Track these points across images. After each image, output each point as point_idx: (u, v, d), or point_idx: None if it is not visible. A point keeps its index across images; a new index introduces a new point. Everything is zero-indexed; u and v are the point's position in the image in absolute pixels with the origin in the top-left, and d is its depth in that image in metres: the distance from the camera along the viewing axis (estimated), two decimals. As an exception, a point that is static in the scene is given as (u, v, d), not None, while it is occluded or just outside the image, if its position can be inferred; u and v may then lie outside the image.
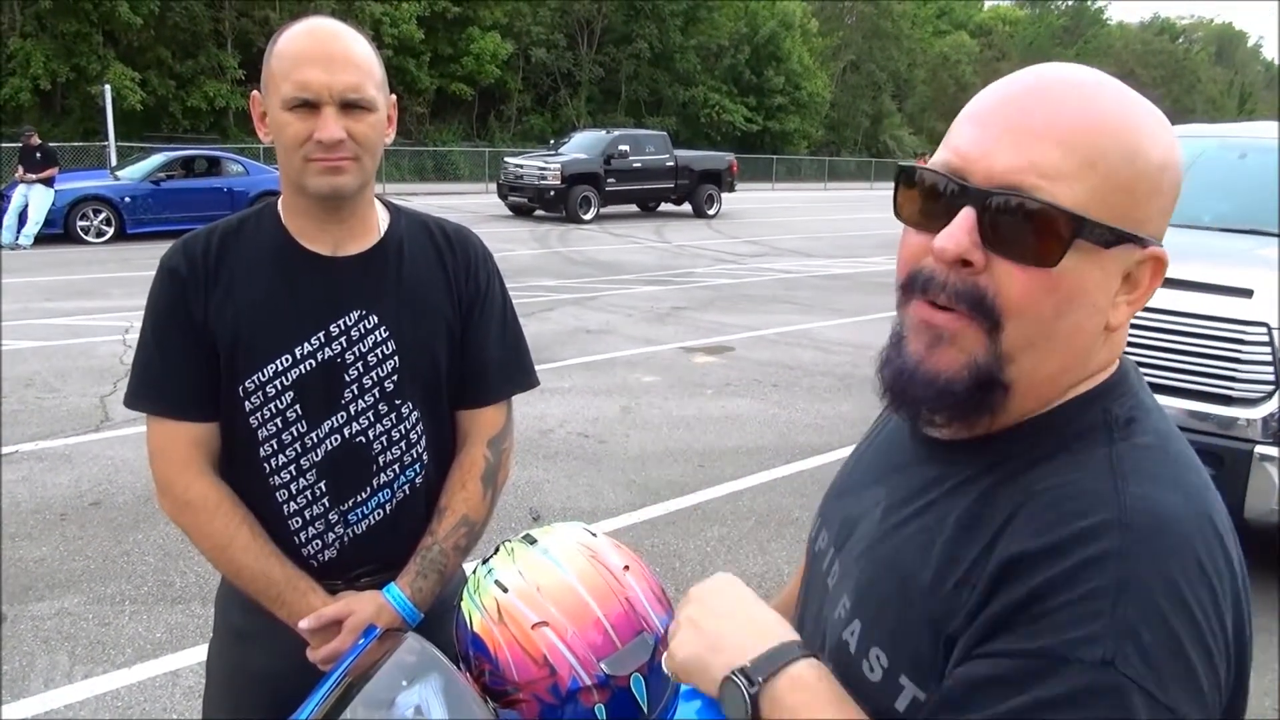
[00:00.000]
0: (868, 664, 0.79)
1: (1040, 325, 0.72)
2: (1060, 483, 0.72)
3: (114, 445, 5.45)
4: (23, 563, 4.00)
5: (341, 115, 1.33)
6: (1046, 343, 0.73)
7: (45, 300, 9.77)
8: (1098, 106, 0.73)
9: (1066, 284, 0.71)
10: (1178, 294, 3.99)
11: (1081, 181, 0.71)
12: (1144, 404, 0.78)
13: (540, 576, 1.24)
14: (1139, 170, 0.72)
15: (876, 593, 0.81)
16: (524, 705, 1.21)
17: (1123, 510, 0.68)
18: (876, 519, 0.86)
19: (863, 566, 0.84)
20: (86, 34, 25.18)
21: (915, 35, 53.62)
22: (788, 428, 6.24)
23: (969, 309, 0.73)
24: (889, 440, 0.93)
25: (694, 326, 9.49)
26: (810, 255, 15.99)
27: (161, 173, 15.65)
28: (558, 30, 36.43)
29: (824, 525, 0.97)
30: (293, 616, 1.43)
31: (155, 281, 1.45)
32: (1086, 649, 0.64)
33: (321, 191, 1.38)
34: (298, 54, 1.32)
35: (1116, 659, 0.64)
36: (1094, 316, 0.74)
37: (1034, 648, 0.66)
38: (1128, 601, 0.65)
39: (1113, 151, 0.71)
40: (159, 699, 3.09)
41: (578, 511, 4.66)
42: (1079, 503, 0.70)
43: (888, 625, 0.78)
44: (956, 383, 0.75)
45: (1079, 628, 0.65)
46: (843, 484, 0.98)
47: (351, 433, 1.45)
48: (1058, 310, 0.72)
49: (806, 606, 0.97)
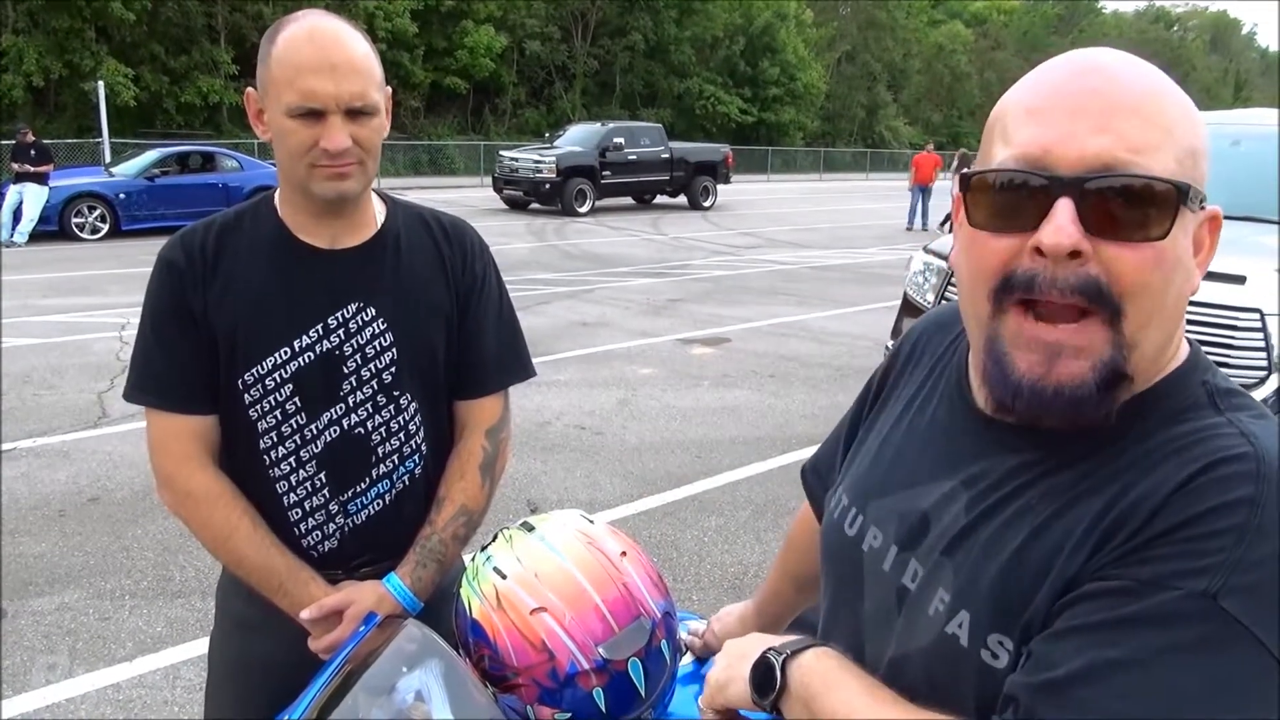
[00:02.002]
0: (989, 652, 0.76)
1: (1154, 300, 0.72)
2: (1187, 441, 0.71)
3: (111, 441, 5.46)
4: (22, 558, 4.01)
5: (346, 122, 1.33)
6: (1160, 317, 0.73)
7: (41, 297, 9.76)
8: (1153, 76, 0.74)
9: (1170, 254, 0.71)
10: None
11: (1166, 150, 0.71)
12: (1225, 377, 0.79)
13: (538, 563, 1.25)
14: (1201, 132, 0.75)
15: (986, 579, 0.78)
16: (523, 690, 1.22)
17: (1261, 461, 0.68)
18: (960, 511, 0.83)
19: (959, 559, 0.81)
20: (79, 30, 25.07)
21: (910, 26, 53.48)
22: (784, 418, 6.26)
23: (1090, 301, 0.71)
24: (938, 431, 0.90)
25: (690, 319, 9.50)
26: (806, 247, 15.99)
27: (156, 169, 15.61)
28: (552, 23, 36.30)
29: (870, 523, 0.93)
30: (294, 606, 1.44)
31: (153, 275, 1.46)
32: (1190, 580, 0.64)
33: (328, 197, 1.39)
34: (301, 61, 1.31)
35: (1220, 593, 0.64)
36: (1189, 281, 0.75)
37: (1136, 573, 0.67)
38: (1252, 544, 0.65)
39: (1182, 117, 0.73)
40: (159, 692, 3.11)
41: (575, 503, 4.68)
42: (1221, 454, 0.69)
43: (1007, 609, 0.75)
44: (1083, 389, 0.72)
45: (1190, 561, 0.65)
46: (883, 479, 0.94)
47: (350, 424, 1.47)
48: (1166, 281, 0.72)
49: (847, 605, 0.95)
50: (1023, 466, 0.79)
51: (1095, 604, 0.68)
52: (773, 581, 1.34)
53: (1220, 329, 3.87)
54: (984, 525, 0.80)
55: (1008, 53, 60.52)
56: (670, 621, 1.29)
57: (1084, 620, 0.68)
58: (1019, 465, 0.80)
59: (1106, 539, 0.71)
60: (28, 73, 24.32)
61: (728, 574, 4.04)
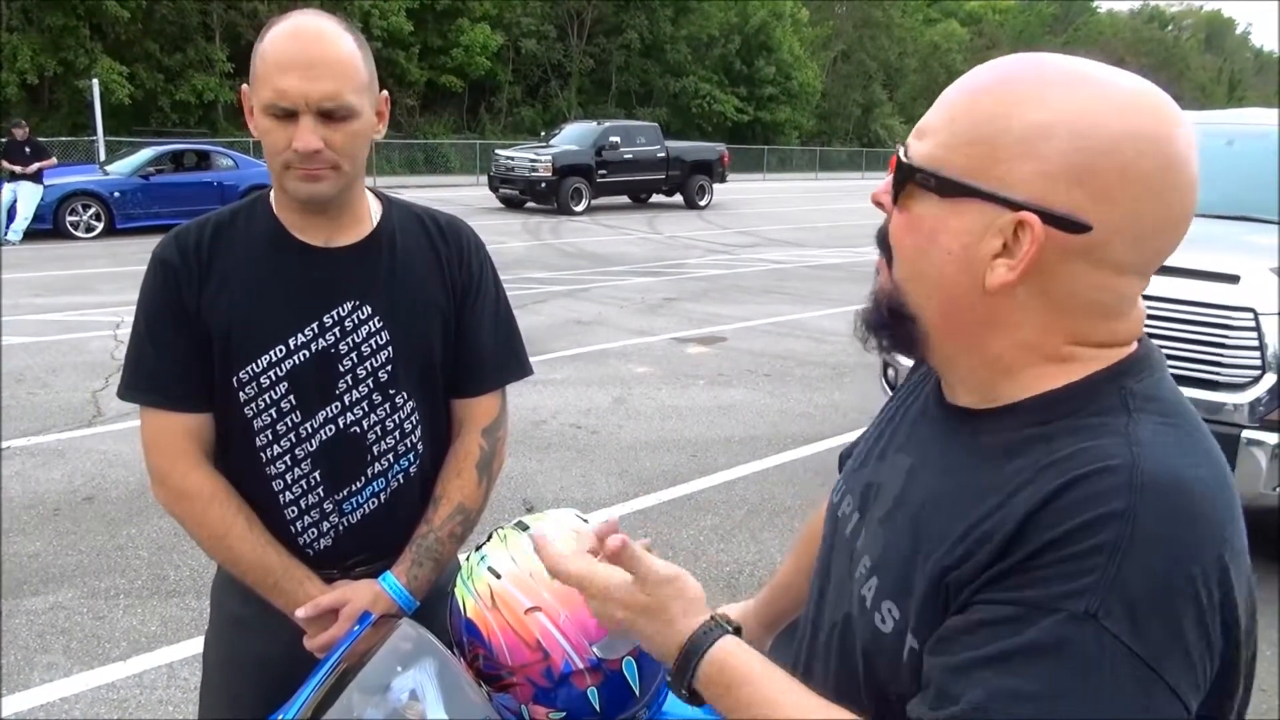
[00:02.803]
0: (880, 616, 0.81)
1: (908, 260, 0.81)
2: (1078, 449, 0.72)
3: (106, 440, 5.45)
4: (17, 558, 4.00)
5: (319, 124, 1.32)
6: (920, 281, 0.81)
7: (35, 296, 9.74)
8: (986, 73, 0.78)
9: (924, 226, 0.79)
10: (1164, 279, 4.00)
11: (936, 136, 0.78)
12: (1164, 384, 0.78)
13: (533, 562, 1.25)
14: (1000, 128, 0.74)
15: (895, 549, 0.83)
16: (518, 689, 1.22)
17: (1135, 472, 0.69)
18: (900, 483, 0.87)
19: (887, 528, 0.86)
20: (74, 28, 25.01)
21: (906, 24, 53.53)
22: (780, 417, 6.26)
23: (878, 242, 0.85)
24: (915, 410, 0.94)
25: (686, 317, 9.50)
26: (802, 245, 16.01)
27: (151, 167, 15.57)
28: (548, 21, 36.30)
29: (847, 492, 0.98)
30: (289, 605, 1.44)
31: (147, 273, 1.46)
32: (1072, 601, 0.66)
33: (299, 197, 1.39)
34: (278, 58, 1.31)
35: (1099, 612, 0.65)
36: (954, 265, 0.77)
37: (1021, 596, 0.68)
38: (1126, 559, 0.65)
39: (973, 109, 0.76)
40: (154, 691, 3.10)
41: (571, 502, 4.68)
42: (1093, 465, 0.70)
43: (899, 578, 0.80)
44: (874, 307, 0.86)
45: (1070, 581, 0.66)
46: (866, 453, 0.99)
47: (346, 422, 1.47)
48: (916, 248, 0.80)
49: (827, 575, 0.99)
50: (958, 447, 0.83)
51: (988, 632, 0.69)
52: (784, 574, 1.34)
53: (1214, 328, 3.88)
54: (913, 500, 0.84)
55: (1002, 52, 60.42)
56: (665, 620, 1.30)
57: (979, 652, 0.69)
58: (955, 446, 0.83)
59: (983, 542, 0.73)
60: (22, 70, 24.27)
61: (723, 573, 4.04)
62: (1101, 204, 0.71)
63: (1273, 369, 3.78)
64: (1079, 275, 0.74)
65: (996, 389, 0.81)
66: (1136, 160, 0.70)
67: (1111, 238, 0.72)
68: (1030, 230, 0.72)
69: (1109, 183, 0.71)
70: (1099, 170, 0.71)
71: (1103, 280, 0.74)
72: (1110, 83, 0.73)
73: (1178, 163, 0.72)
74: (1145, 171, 0.71)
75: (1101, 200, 0.71)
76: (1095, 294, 0.75)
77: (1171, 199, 0.72)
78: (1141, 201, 0.71)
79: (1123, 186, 0.71)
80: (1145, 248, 0.74)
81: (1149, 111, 0.72)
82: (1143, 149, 0.70)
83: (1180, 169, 0.72)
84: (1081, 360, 0.78)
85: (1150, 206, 0.72)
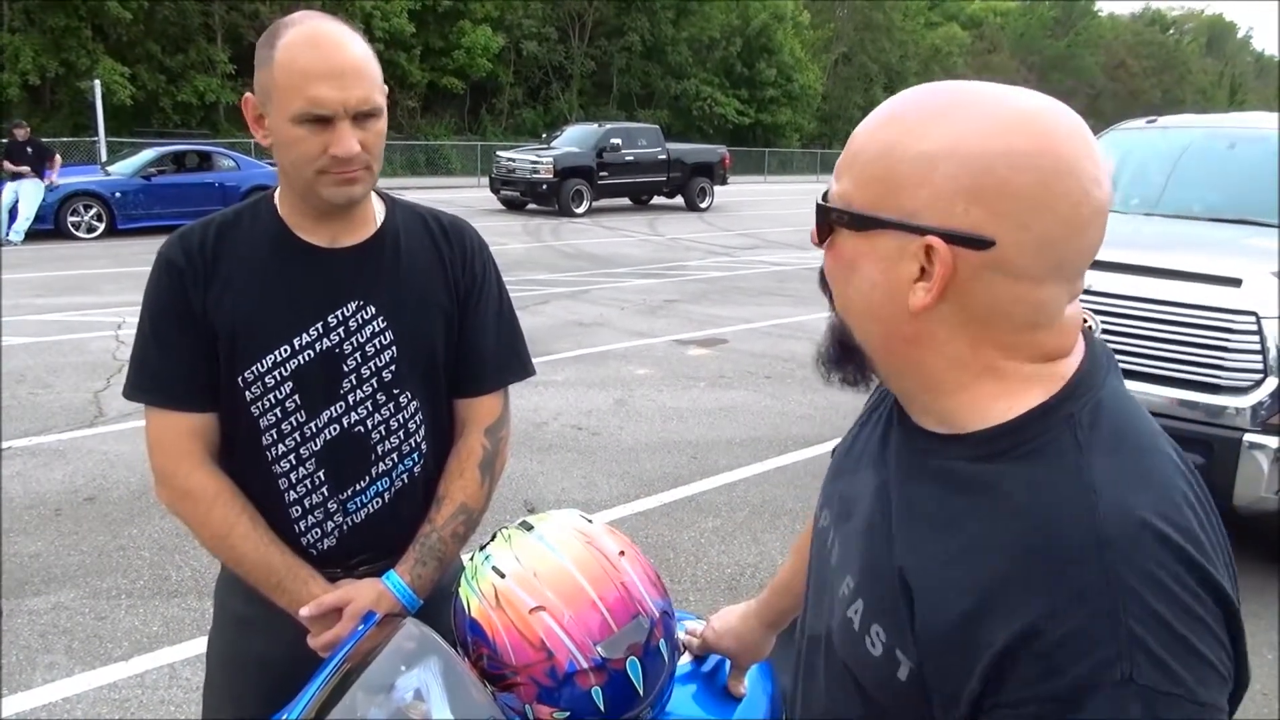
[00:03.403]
0: (869, 640, 0.82)
1: (839, 292, 0.86)
2: (1036, 503, 0.74)
3: (108, 440, 5.45)
4: (18, 558, 4.00)
5: (354, 127, 1.33)
6: (854, 311, 0.85)
7: (37, 296, 9.74)
8: (881, 110, 0.83)
9: (845, 257, 0.84)
10: (1167, 283, 4.02)
11: (845, 176, 0.83)
12: (1109, 399, 0.80)
13: (537, 562, 1.25)
14: (893, 161, 0.78)
15: (874, 573, 0.84)
16: (522, 688, 1.23)
17: (1100, 527, 0.70)
18: (870, 501, 0.89)
19: (864, 547, 0.87)
20: (75, 28, 25.02)
21: (907, 27, 53.56)
22: (781, 419, 6.27)
23: (819, 281, 0.90)
24: (879, 424, 0.96)
25: (687, 319, 9.51)
26: (803, 248, 16.00)
27: (152, 168, 15.58)
28: (549, 23, 36.30)
29: (825, 504, 1.00)
30: (293, 604, 1.44)
31: (153, 273, 1.46)
32: (1105, 672, 0.67)
33: (336, 201, 1.39)
34: (306, 68, 1.30)
35: (1134, 673, 0.67)
36: (878, 292, 0.80)
37: (1053, 687, 0.69)
38: (1128, 615, 0.68)
39: (870, 146, 0.81)
40: (156, 692, 3.10)
41: (572, 503, 4.68)
42: (1058, 527, 0.72)
43: (885, 603, 0.81)
44: (829, 343, 0.92)
45: (1091, 655, 0.68)
46: (839, 464, 1.01)
47: (350, 422, 1.47)
48: (845, 279, 0.84)
49: (812, 584, 1.01)
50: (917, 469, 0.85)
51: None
52: (785, 574, 1.35)
53: (1215, 332, 3.89)
54: (883, 521, 0.85)
55: (1004, 55, 60.65)
56: (668, 621, 1.30)
57: None
58: (914, 467, 0.85)
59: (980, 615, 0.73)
60: (24, 71, 24.28)
61: (724, 575, 4.05)
62: (998, 219, 0.74)
63: (1274, 373, 3.78)
64: (995, 289, 0.76)
65: (945, 411, 0.82)
66: (1012, 177, 0.73)
67: (1015, 250, 0.74)
68: (938, 253, 0.75)
69: (995, 200, 0.74)
70: (983, 189, 0.74)
71: (1022, 292, 0.76)
72: (990, 105, 0.77)
73: (1060, 173, 0.74)
74: (1024, 186, 0.73)
75: (997, 216, 0.74)
76: (1016, 306, 0.77)
77: (1062, 207, 0.74)
78: (1031, 214, 0.74)
79: (1007, 203, 0.74)
80: (1050, 256, 0.75)
81: (1022, 130, 0.75)
82: (1016, 165, 0.73)
83: (1064, 178, 0.74)
84: (1020, 378, 0.79)
85: (1041, 217, 0.74)
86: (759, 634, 1.40)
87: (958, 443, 0.81)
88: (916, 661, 0.77)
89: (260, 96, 1.37)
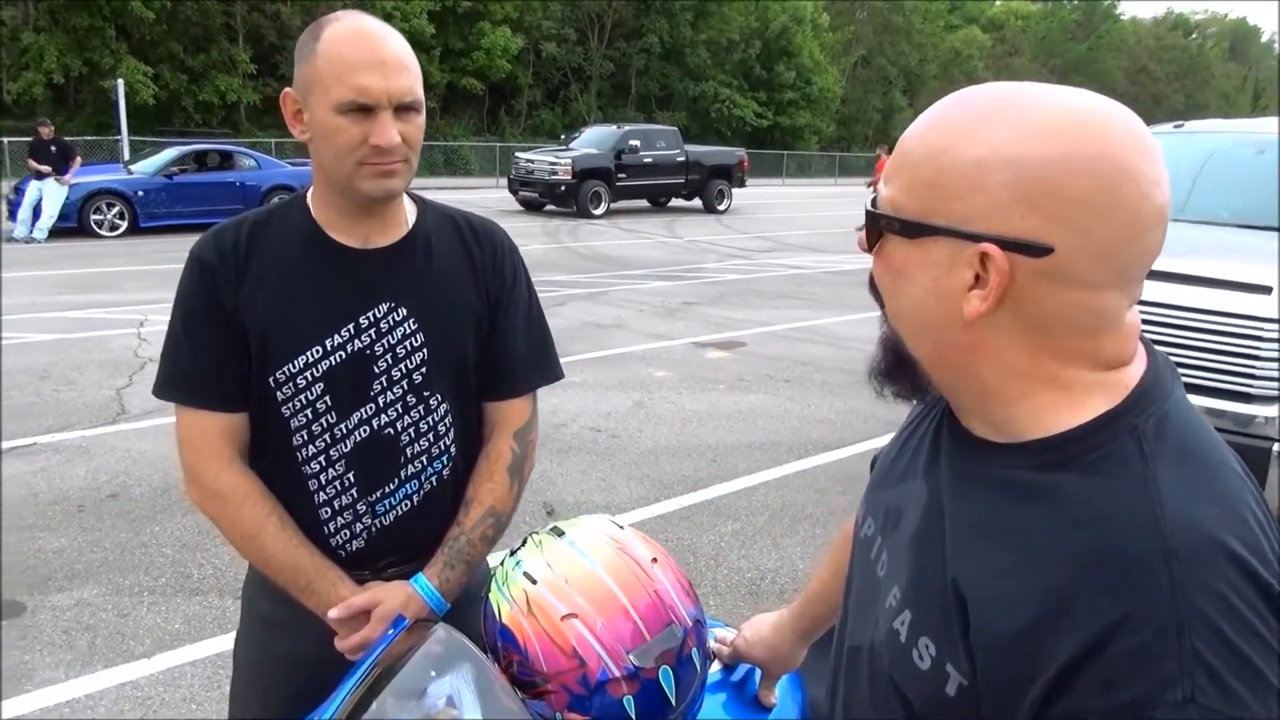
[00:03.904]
0: (917, 653, 0.81)
1: (890, 301, 0.85)
2: (1101, 514, 0.72)
3: (130, 438, 5.49)
4: (42, 554, 4.03)
5: (395, 119, 1.34)
6: (906, 320, 0.84)
7: (60, 294, 9.82)
8: (930, 114, 0.80)
9: (896, 267, 0.82)
10: (1195, 290, 3.97)
11: (894, 181, 0.81)
12: (1175, 412, 0.78)
13: (568, 568, 1.24)
14: (943, 167, 0.76)
15: (925, 585, 0.82)
16: (553, 696, 1.21)
17: (1167, 539, 0.69)
18: (920, 512, 0.87)
19: (912, 559, 0.85)
20: (99, 28, 25.27)
21: (927, 30, 53.37)
22: (800, 423, 6.24)
23: (869, 288, 0.88)
24: (927, 433, 0.94)
25: (705, 322, 9.49)
26: (821, 250, 15.96)
27: (174, 167, 15.68)
28: (568, 25, 36.39)
29: (869, 514, 0.99)
30: (321, 605, 1.44)
31: (185, 272, 1.46)
32: (1167, 692, 0.66)
33: (374, 194, 1.39)
34: (353, 59, 1.32)
35: (1195, 693, 0.65)
36: (931, 300, 0.79)
37: (1113, 703, 0.67)
38: (1191, 633, 0.66)
39: (918, 151, 0.79)
40: (178, 689, 3.11)
41: (591, 506, 4.67)
42: (1124, 540, 0.70)
43: (936, 617, 0.80)
44: (881, 355, 0.90)
45: (1153, 672, 0.66)
46: (885, 474, 0.99)
47: (380, 424, 1.46)
48: (895, 287, 0.83)
49: (854, 595, 0.99)
50: (972, 477, 0.83)
51: None
52: (818, 582, 1.33)
53: (1245, 340, 3.84)
54: (935, 531, 0.84)
55: (1024, 58, 60.33)
56: (701, 629, 1.29)
57: None
58: (968, 475, 0.83)
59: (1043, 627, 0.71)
60: (48, 70, 24.54)
61: (745, 579, 4.03)
62: (1056, 225, 0.72)
63: (1304, 381, 3.74)
64: (1054, 296, 0.75)
65: (1004, 420, 0.80)
66: (1069, 182, 0.72)
67: (1075, 256, 0.73)
68: (994, 260, 0.74)
69: (1052, 206, 0.72)
70: (1039, 195, 0.72)
71: (1080, 298, 0.75)
72: (1042, 107, 0.75)
73: (1117, 178, 0.72)
74: (1083, 191, 0.72)
75: (1055, 222, 0.72)
76: (1074, 313, 0.75)
77: (1119, 213, 0.72)
78: (1090, 220, 0.72)
79: (1065, 208, 0.72)
80: (1110, 262, 0.74)
81: (1075, 133, 0.73)
82: (1072, 170, 0.72)
83: (1122, 183, 0.72)
84: (1081, 386, 0.77)
85: (1100, 223, 0.72)
86: (791, 644, 1.38)
87: (1017, 452, 0.79)
88: (969, 674, 0.76)
89: (300, 91, 1.37)
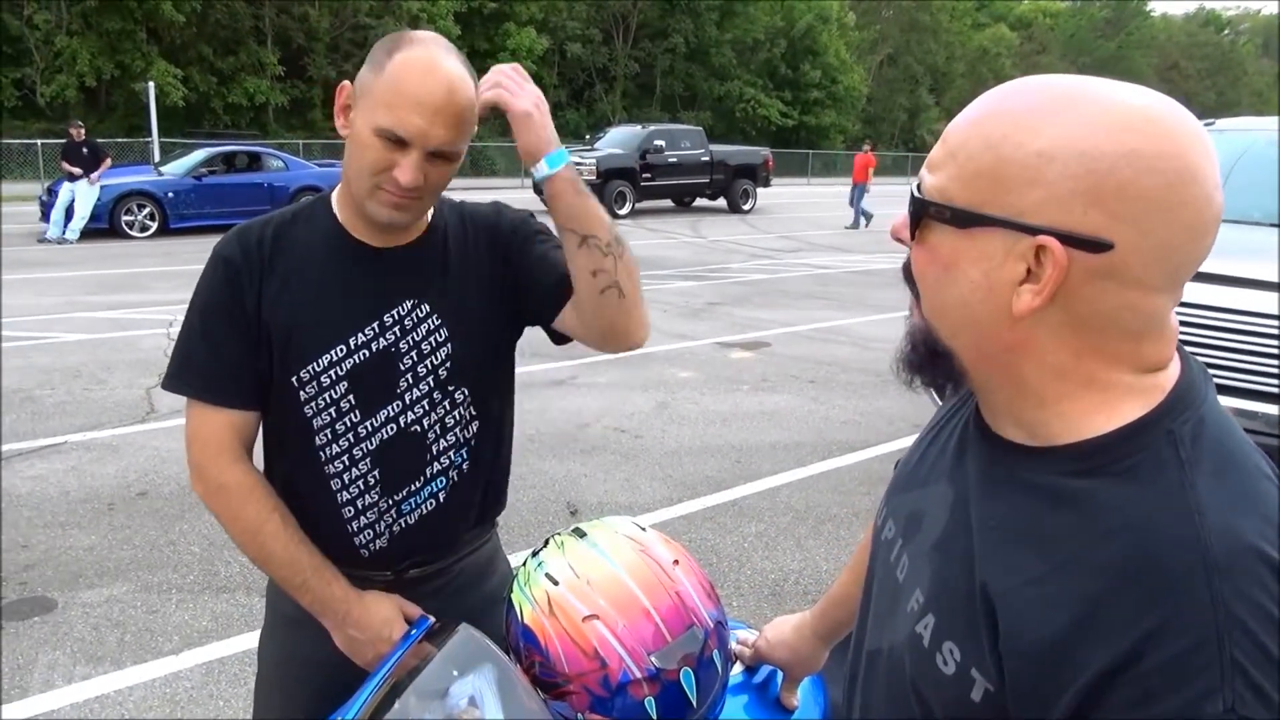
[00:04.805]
0: (941, 658, 0.80)
1: (931, 293, 0.82)
2: (1137, 522, 0.71)
3: (159, 437, 5.55)
4: (73, 551, 4.08)
5: (425, 161, 1.33)
6: (948, 313, 0.81)
7: (91, 294, 9.96)
8: (984, 102, 0.78)
9: (941, 258, 0.79)
10: (1225, 290, 3.92)
11: (943, 170, 0.79)
12: (1209, 416, 0.76)
13: (590, 570, 1.24)
14: (1003, 157, 0.74)
15: (949, 589, 0.81)
16: (574, 697, 1.22)
17: (1207, 549, 0.67)
18: (945, 516, 0.86)
19: (935, 563, 0.85)
20: (131, 31, 25.62)
21: (954, 28, 53.00)
22: (825, 424, 6.21)
23: (904, 278, 0.87)
24: (952, 436, 0.93)
25: (730, 322, 9.47)
26: (846, 250, 15.89)
27: (204, 168, 15.89)
28: (593, 25, 36.46)
29: (890, 516, 0.97)
30: (315, 604, 1.44)
31: (208, 268, 1.46)
32: (1207, 704, 0.64)
33: (378, 219, 1.39)
34: (410, 93, 1.30)
35: (1236, 704, 0.64)
36: (978, 293, 0.77)
37: (1151, 715, 0.66)
38: (1232, 644, 0.65)
39: (973, 140, 0.76)
40: (206, 685, 3.15)
41: (615, 506, 4.67)
42: (1162, 549, 0.69)
43: (961, 620, 0.79)
44: (910, 346, 0.89)
45: (1193, 684, 0.65)
46: (907, 477, 0.98)
47: (406, 422, 1.47)
48: (939, 280, 0.80)
49: (874, 598, 0.98)
50: (1000, 481, 0.81)
51: None
52: (840, 586, 1.32)
53: (1262, 338, 3.79)
54: (961, 536, 0.82)
55: (1053, 56, 59.77)
56: (722, 631, 1.28)
57: None
58: (997, 479, 0.82)
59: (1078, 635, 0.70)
60: (80, 73, 24.90)
61: (768, 580, 4.01)
62: (1118, 223, 0.71)
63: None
64: (1107, 296, 0.73)
65: (1037, 422, 0.79)
66: (1136, 179, 0.70)
67: (1133, 256, 0.71)
68: (1052, 254, 0.72)
69: (1117, 203, 0.70)
70: (1104, 191, 0.70)
71: (1132, 300, 0.73)
72: (1108, 102, 0.73)
73: (1185, 178, 0.71)
74: (1148, 190, 0.70)
75: (1117, 219, 0.71)
76: (1125, 314, 0.74)
77: (1183, 214, 0.71)
78: (1152, 219, 0.70)
79: (1129, 206, 0.70)
80: (1168, 263, 0.72)
81: (1145, 130, 0.71)
82: (1141, 168, 0.70)
83: (1188, 184, 0.71)
84: (1120, 390, 0.76)
85: (1162, 223, 0.71)
86: (813, 646, 1.38)
87: (1050, 456, 0.78)
88: (995, 681, 0.75)
89: (357, 90, 1.36)
